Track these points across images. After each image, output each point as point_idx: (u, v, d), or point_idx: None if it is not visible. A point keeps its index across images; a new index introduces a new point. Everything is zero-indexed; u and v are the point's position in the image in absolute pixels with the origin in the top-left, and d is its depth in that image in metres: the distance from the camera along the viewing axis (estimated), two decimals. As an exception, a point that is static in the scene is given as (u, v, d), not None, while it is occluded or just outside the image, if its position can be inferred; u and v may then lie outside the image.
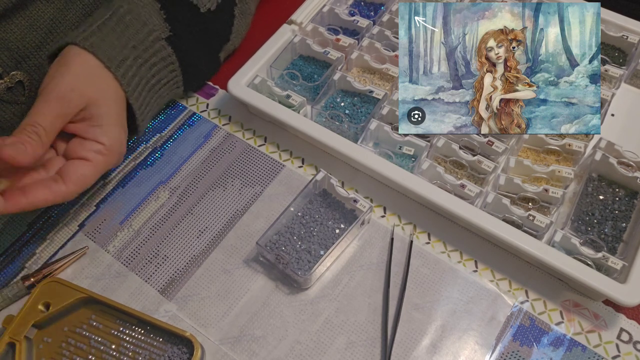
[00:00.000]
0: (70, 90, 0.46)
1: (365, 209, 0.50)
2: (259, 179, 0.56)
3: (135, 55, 0.51)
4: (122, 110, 0.51)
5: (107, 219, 0.55)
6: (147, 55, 0.52)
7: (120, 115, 0.51)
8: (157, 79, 0.55)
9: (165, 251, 0.53)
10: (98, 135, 0.48)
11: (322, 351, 0.47)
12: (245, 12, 0.62)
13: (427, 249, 0.51)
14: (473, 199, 0.50)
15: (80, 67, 0.48)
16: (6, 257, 0.53)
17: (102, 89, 0.49)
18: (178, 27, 0.54)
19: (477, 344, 0.47)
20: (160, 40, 0.53)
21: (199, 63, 0.59)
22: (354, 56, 0.60)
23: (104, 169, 0.49)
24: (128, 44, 0.51)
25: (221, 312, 0.49)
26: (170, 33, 0.54)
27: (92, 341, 0.46)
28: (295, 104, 0.57)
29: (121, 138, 0.50)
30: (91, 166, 0.48)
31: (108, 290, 0.51)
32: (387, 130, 0.54)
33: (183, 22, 0.55)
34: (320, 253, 0.49)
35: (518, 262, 0.50)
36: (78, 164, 0.47)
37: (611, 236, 0.50)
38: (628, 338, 0.47)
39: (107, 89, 0.49)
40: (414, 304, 0.48)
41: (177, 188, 0.56)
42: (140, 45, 0.52)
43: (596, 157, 0.52)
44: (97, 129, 0.48)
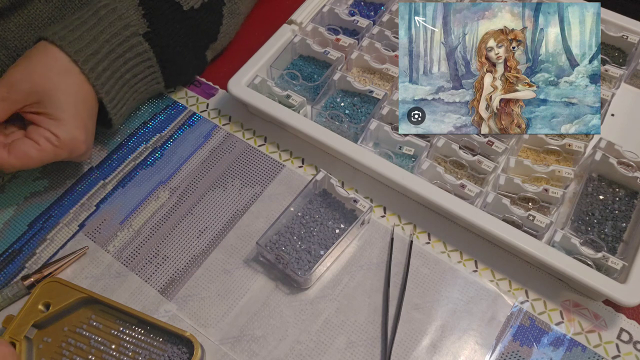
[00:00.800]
0: (20, 79, 0.48)
1: (365, 209, 0.50)
2: (259, 179, 0.56)
3: (109, 49, 0.51)
4: (86, 109, 0.51)
5: (107, 219, 0.55)
6: (121, 49, 0.52)
7: (82, 113, 0.51)
8: (133, 74, 0.54)
9: (165, 251, 0.53)
10: (53, 127, 0.49)
11: (322, 351, 0.47)
12: (234, 12, 0.62)
13: (427, 249, 0.51)
14: (473, 199, 0.50)
15: (41, 61, 0.49)
16: (6, 257, 0.53)
17: (63, 85, 0.49)
18: (157, 23, 0.54)
19: (477, 344, 0.47)
20: (137, 35, 0.53)
21: (181, 60, 0.59)
22: (354, 56, 0.60)
23: (51, 158, 0.50)
24: (100, 37, 0.51)
25: (221, 312, 0.49)
26: (148, 29, 0.54)
27: (92, 341, 0.46)
28: (295, 104, 0.57)
29: (78, 136, 0.50)
30: (37, 149, 0.49)
31: (108, 290, 0.50)
32: (387, 130, 0.54)
33: (163, 18, 0.55)
34: (320, 253, 0.49)
35: (518, 262, 0.50)
36: (27, 142, 0.49)
37: (611, 236, 0.50)
38: (628, 338, 0.47)
39: (71, 85, 0.50)
40: (414, 304, 0.48)
41: (177, 188, 0.56)
42: (114, 40, 0.52)
43: (596, 157, 0.52)
44: (53, 122, 0.49)
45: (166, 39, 0.55)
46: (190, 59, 0.60)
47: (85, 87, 0.51)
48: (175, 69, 0.59)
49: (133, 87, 0.55)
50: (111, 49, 0.52)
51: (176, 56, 0.58)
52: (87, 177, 0.58)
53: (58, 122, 0.49)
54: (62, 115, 0.49)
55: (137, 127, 0.61)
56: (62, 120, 0.49)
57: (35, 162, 0.49)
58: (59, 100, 0.49)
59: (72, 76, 0.50)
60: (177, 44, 0.57)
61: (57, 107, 0.49)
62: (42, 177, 0.58)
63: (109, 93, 0.52)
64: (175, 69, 0.59)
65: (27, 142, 0.49)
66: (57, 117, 0.49)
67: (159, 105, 0.63)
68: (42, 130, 0.49)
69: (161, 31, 0.55)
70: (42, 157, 0.49)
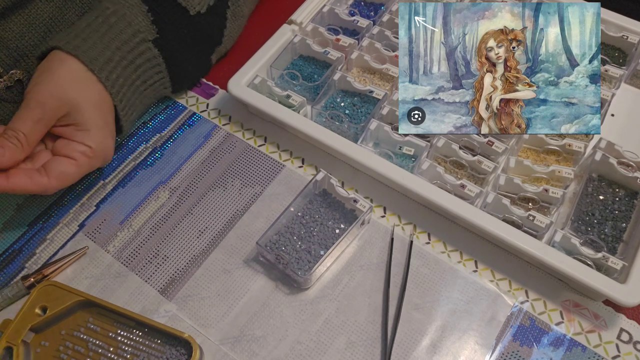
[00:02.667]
0: (50, 96, 0.47)
1: (365, 209, 0.50)
2: (259, 179, 0.56)
3: (120, 57, 0.52)
4: (108, 114, 0.52)
5: (107, 219, 0.55)
6: (131, 56, 0.52)
7: (106, 119, 0.51)
8: (142, 80, 0.55)
9: (165, 251, 0.52)
10: (84, 138, 0.49)
11: (322, 351, 0.47)
12: (237, 15, 0.62)
13: (427, 249, 0.51)
14: (473, 199, 0.50)
15: (62, 73, 0.49)
16: (6, 257, 0.53)
17: (86, 94, 0.49)
18: (166, 29, 0.55)
19: (477, 344, 0.47)
20: (147, 42, 0.53)
21: (188, 65, 0.59)
22: (354, 56, 0.60)
23: (87, 170, 0.50)
24: (112, 44, 0.51)
25: (221, 312, 0.49)
26: (157, 35, 0.54)
27: (90, 344, 0.46)
28: (295, 104, 0.57)
29: (107, 142, 0.51)
30: (75, 165, 0.49)
31: (108, 290, 0.50)
32: (387, 130, 0.54)
33: (171, 24, 0.55)
34: (320, 253, 0.49)
35: (518, 262, 0.50)
36: (63, 161, 0.49)
37: (611, 236, 0.50)
38: (628, 338, 0.47)
39: (91, 94, 0.50)
40: (414, 304, 0.48)
41: (177, 188, 0.56)
42: (125, 47, 0.52)
43: (596, 157, 0.52)
44: (84, 133, 0.49)
45: (174, 44, 0.56)
46: (197, 63, 0.60)
47: (104, 95, 0.51)
48: (182, 73, 0.59)
49: (143, 93, 0.56)
50: (123, 56, 0.52)
51: (183, 61, 0.58)
52: (87, 177, 0.58)
53: (88, 132, 0.49)
54: (91, 124, 0.49)
55: (137, 127, 0.61)
56: (92, 130, 0.49)
57: (74, 179, 0.49)
58: (86, 110, 0.49)
59: (91, 85, 0.50)
60: (185, 49, 0.57)
61: (85, 117, 0.49)
62: (42, 177, 0.58)
63: (122, 100, 0.53)
64: (182, 73, 0.59)
65: (63, 160, 0.48)
66: (87, 127, 0.49)
67: (159, 105, 0.63)
68: (75, 144, 0.49)
69: (169, 37, 0.55)
70: (79, 172, 0.49)
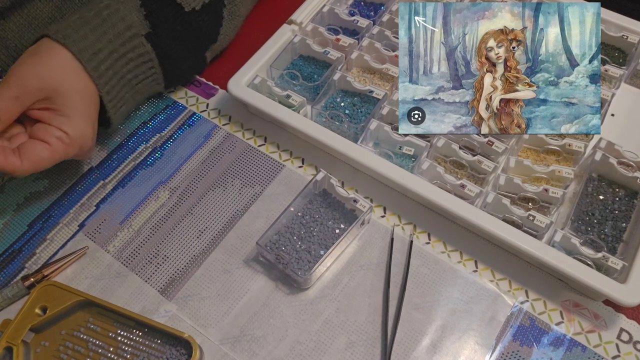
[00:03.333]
0: (31, 77, 0.47)
1: (365, 209, 0.50)
2: (259, 179, 0.56)
3: (111, 50, 0.52)
4: (92, 106, 0.51)
5: (107, 219, 0.55)
6: (123, 50, 0.52)
7: (89, 110, 0.51)
8: (134, 74, 0.55)
9: (165, 251, 0.52)
10: (62, 124, 0.49)
11: (322, 351, 0.47)
12: (234, 14, 0.62)
13: (427, 249, 0.51)
14: (473, 199, 0.50)
15: (49, 58, 0.49)
16: (6, 257, 0.53)
17: (70, 82, 0.49)
18: (159, 24, 0.54)
19: (477, 344, 0.47)
20: (139, 36, 0.53)
21: (181, 61, 0.59)
22: (354, 56, 0.60)
23: (62, 156, 0.50)
24: (103, 37, 0.51)
25: (221, 312, 0.49)
26: (150, 30, 0.54)
27: (90, 344, 0.46)
28: (295, 104, 0.57)
29: (86, 132, 0.51)
30: (49, 150, 0.48)
31: (108, 290, 0.50)
32: (387, 130, 0.54)
33: (165, 20, 0.55)
34: (320, 253, 0.49)
35: (518, 262, 0.50)
36: (37, 144, 0.48)
37: (611, 236, 0.50)
38: (628, 338, 0.47)
39: (77, 83, 0.50)
40: (414, 304, 0.48)
41: (177, 188, 0.56)
42: (117, 40, 0.52)
43: (596, 157, 0.52)
44: (62, 119, 0.49)
45: (167, 40, 0.56)
46: (190, 60, 0.60)
47: (90, 86, 0.51)
48: (175, 69, 0.59)
49: (134, 88, 0.56)
50: (113, 49, 0.52)
51: (177, 57, 0.58)
52: (87, 177, 0.58)
53: (67, 118, 0.49)
54: (71, 111, 0.49)
55: (137, 127, 0.61)
56: (71, 116, 0.49)
57: (47, 164, 0.49)
58: (67, 96, 0.49)
59: (77, 74, 0.50)
60: (178, 45, 0.57)
61: (65, 103, 0.49)
62: (42, 177, 0.58)
63: (109, 92, 0.53)
64: (175, 69, 0.59)
65: (37, 144, 0.48)
66: (66, 113, 0.49)
67: (159, 105, 0.63)
68: (52, 128, 0.49)
69: (162, 32, 0.55)
70: (53, 157, 0.49)
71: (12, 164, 0.47)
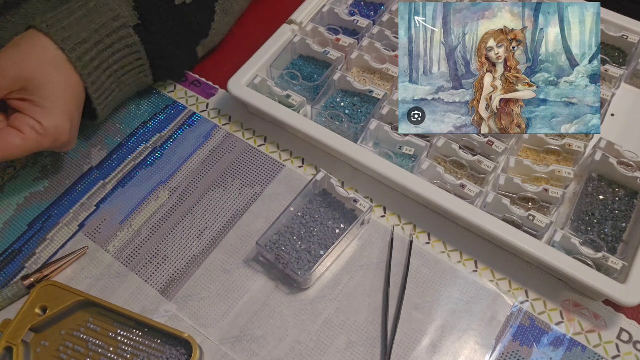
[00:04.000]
0: (10, 66, 0.47)
1: (365, 209, 0.50)
2: (259, 179, 0.56)
3: (97, 40, 0.51)
4: (73, 98, 0.51)
5: (107, 219, 0.55)
6: (110, 40, 0.52)
7: (68, 103, 0.50)
8: (121, 65, 0.54)
9: (165, 251, 0.53)
10: (37, 114, 0.49)
11: (322, 351, 0.47)
12: (227, 11, 0.62)
13: (427, 249, 0.51)
14: (473, 199, 0.50)
15: (31, 49, 0.49)
16: (6, 257, 0.53)
17: (50, 73, 0.49)
18: (147, 16, 0.54)
19: (477, 344, 0.47)
20: (127, 27, 0.53)
21: (170, 55, 0.59)
22: (354, 56, 0.60)
23: (34, 147, 0.49)
24: (89, 27, 0.51)
25: (221, 312, 0.49)
26: (138, 22, 0.54)
27: (90, 344, 0.46)
28: (295, 104, 0.57)
29: (62, 125, 0.50)
30: (21, 138, 0.48)
31: (108, 290, 0.51)
32: (387, 130, 0.54)
33: (154, 12, 0.55)
34: (320, 253, 0.49)
35: (518, 262, 0.50)
36: (11, 131, 0.48)
37: (611, 236, 0.50)
38: (628, 338, 0.47)
39: (57, 74, 0.49)
40: (414, 304, 0.48)
41: (177, 188, 0.56)
42: (103, 30, 0.52)
43: (596, 157, 0.52)
44: (38, 110, 0.49)
45: (156, 33, 0.55)
46: (180, 54, 0.60)
47: (73, 77, 0.50)
48: (164, 63, 0.59)
49: (120, 79, 0.55)
50: (100, 40, 0.51)
51: (165, 50, 0.58)
52: (87, 177, 0.58)
53: (43, 109, 0.49)
54: (47, 103, 0.49)
55: (137, 127, 0.61)
56: (47, 108, 0.49)
57: (19, 152, 0.49)
58: (45, 87, 0.49)
59: (59, 65, 0.50)
60: (167, 38, 0.57)
61: (42, 94, 0.49)
62: (42, 177, 0.58)
63: (94, 83, 0.52)
64: (164, 63, 0.59)
65: (11, 131, 0.48)
66: (42, 104, 0.49)
67: (159, 105, 0.63)
68: (27, 118, 0.49)
69: (151, 24, 0.55)
70: (26, 146, 0.49)
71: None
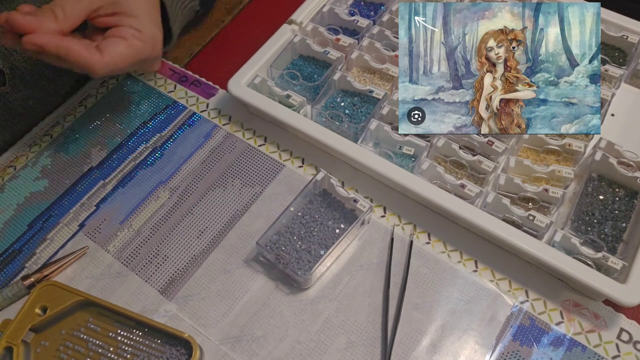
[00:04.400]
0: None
1: (365, 209, 0.50)
2: (259, 179, 0.56)
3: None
4: (155, 10, 0.53)
5: (107, 219, 0.55)
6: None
7: (154, 12, 0.52)
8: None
9: (165, 251, 0.53)
10: (133, 23, 0.50)
11: (322, 351, 0.47)
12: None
13: (427, 249, 0.51)
14: (473, 199, 0.50)
15: None
16: (6, 257, 0.53)
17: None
18: None
19: (477, 344, 0.47)
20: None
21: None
22: (354, 56, 0.60)
23: (137, 54, 0.50)
24: None
25: (221, 312, 0.49)
26: None
27: (90, 344, 0.46)
28: (295, 104, 0.57)
29: (155, 33, 0.52)
30: (127, 45, 0.49)
31: (108, 290, 0.51)
32: (387, 130, 0.54)
33: None
34: (320, 253, 0.49)
35: (518, 262, 0.50)
36: (115, 40, 0.49)
37: (611, 236, 0.50)
38: (628, 338, 0.47)
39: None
40: (414, 304, 0.48)
41: (177, 188, 0.56)
42: None
43: (596, 157, 0.52)
44: (132, 19, 0.50)
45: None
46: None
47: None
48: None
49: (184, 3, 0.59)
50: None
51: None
52: (87, 177, 0.58)
53: (137, 18, 0.50)
54: (140, 12, 0.50)
55: (137, 127, 0.61)
56: (141, 17, 0.50)
57: (125, 60, 0.49)
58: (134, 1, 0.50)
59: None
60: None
61: (131, 4, 0.50)
62: (42, 177, 0.58)
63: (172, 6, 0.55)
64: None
65: (115, 39, 0.49)
66: (136, 14, 0.50)
67: (159, 105, 0.63)
68: (124, 28, 0.49)
69: None
70: (130, 54, 0.49)
71: (92, 55, 0.47)
